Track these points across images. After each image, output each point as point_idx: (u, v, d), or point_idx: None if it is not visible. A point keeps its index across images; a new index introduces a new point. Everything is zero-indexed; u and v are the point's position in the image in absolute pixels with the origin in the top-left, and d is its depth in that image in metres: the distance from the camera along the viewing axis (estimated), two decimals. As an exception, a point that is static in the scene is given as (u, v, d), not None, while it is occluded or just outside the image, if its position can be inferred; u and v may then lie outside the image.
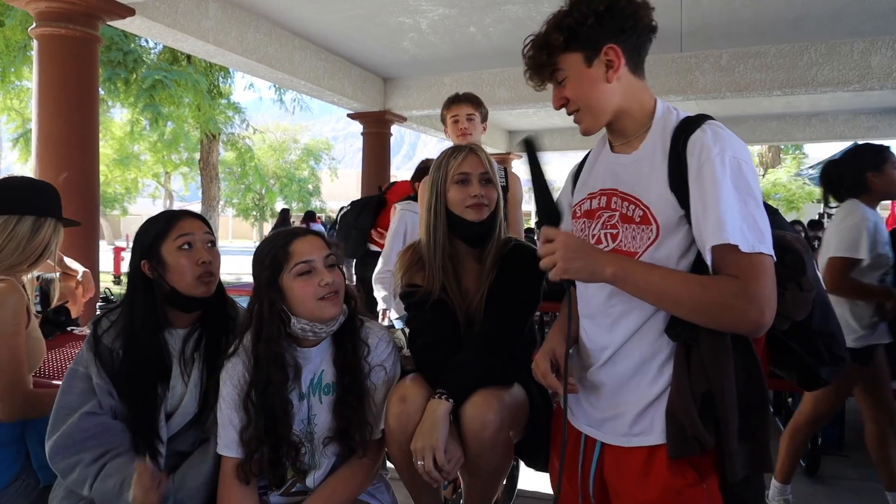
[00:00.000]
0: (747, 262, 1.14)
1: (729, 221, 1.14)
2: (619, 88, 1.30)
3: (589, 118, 1.32)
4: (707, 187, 1.18)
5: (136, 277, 1.62)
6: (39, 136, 4.19)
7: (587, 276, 1.23)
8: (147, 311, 1.60)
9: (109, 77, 9.16)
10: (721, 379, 1.19)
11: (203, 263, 1.61)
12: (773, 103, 9.37)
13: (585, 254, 1.23)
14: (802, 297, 1.25)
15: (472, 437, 1.59)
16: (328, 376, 1.60)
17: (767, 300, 1.14)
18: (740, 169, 1.18)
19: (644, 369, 1.30)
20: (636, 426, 1.30)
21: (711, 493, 1.23)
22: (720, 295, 1.16)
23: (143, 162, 18.36)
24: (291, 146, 23.57)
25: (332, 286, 1.52)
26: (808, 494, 3.02)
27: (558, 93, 1.34)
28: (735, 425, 1.20)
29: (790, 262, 1.25)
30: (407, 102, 8.04)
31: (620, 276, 1.21)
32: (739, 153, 1.20)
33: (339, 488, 1.57)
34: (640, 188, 1.29)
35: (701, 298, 1.17)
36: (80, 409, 1.53)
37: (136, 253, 1.63)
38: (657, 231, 1.26)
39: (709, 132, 1.22)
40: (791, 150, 19.31)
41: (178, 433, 1.62)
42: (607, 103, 1.30)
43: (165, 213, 1.68)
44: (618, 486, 1.34)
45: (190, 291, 1.60)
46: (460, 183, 1.77)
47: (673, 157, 1.25)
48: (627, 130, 1.34)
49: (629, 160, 1.34)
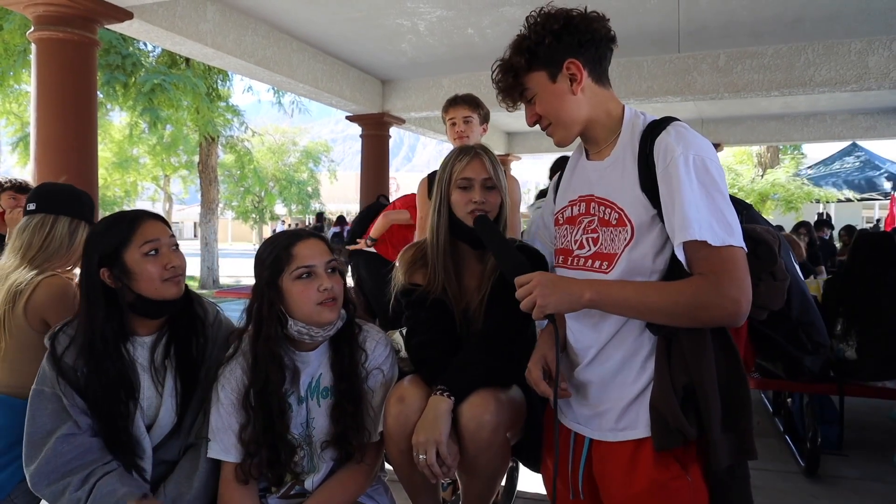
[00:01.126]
0: (717, 255, 1.20)
1: (696, 218, 1.20)
2: (584, 100, 1.38)
3: (561, 130, 1.40)
4: (674, 186, 1.24)
5: (95, 287, 1.52)
6: (38, 139, 4.19)
7: (567, 306, 1.29)
8: (108, 324, 1.52)
9: (108, 81, 9.14)
10: (701, 371, 1.24)
11: (171, 268, 1.55)
12: (770, 104, 9.38)
13: (561, 287, 1.29)
14: (776, 286, 1.31)
15: (469, 438, 1.59)
16: (326, 380, 1.60)
17: (741, 290, 1.20)
18: (705, 166, 1.24)
19: (628, 365, 1.35)
20: (622, 421, 1.35)
21: (695, 484, 1.27)
22: (695, 296, 1.22)
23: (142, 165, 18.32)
24: (290, 149, 23.53)
25: (331, 292, 1.52)
26: (808, 494, 3.02)
27: (530, 110, 1.43)
28: (717, 415, 1.24)
29: (762, 253, 1.30)
30: (405, 104, 8.04)
31: (597, 299, 1.28)
32: (703, 151, 1.26)
33: (336, 491, 1.57)
34: (614, 192, 1.37)
35: (677, 303, 1.23)
36: (56, 432, 1.48)
37: (93, 261, 1.53)
38: (632, 231, 1.32)
39: (672, 133, 1.29)
40: (790, 150, 19.31)
41: (162, 443, 1.60)
42: (576, 114, 1.39)
43: (124, 217, 1.58)
44: (605, 481, 1.38)
45: (160, 295, 1.54)
46: (463, 188, 1.77)
47: (641, 159, 1.32)
48: (599, 138, 1.42)
49: (602, 166, 1.41)
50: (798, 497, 2.98)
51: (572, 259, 1.43)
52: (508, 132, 12.34)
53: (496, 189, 1.78)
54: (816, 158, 16.86)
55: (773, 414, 4.20)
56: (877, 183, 12.34)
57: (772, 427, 4.02)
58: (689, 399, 1.26)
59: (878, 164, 12.77)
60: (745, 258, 1.22)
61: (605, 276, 1.34)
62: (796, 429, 3.64)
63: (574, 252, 1.42)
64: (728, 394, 1.26)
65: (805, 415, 3.37)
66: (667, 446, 1.26)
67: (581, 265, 1.40)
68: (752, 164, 18.28)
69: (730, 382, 1.26)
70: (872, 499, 2.97)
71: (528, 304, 1.29)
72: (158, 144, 14.75)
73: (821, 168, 14.12)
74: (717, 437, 1.23)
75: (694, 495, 1.27)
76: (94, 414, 1.51)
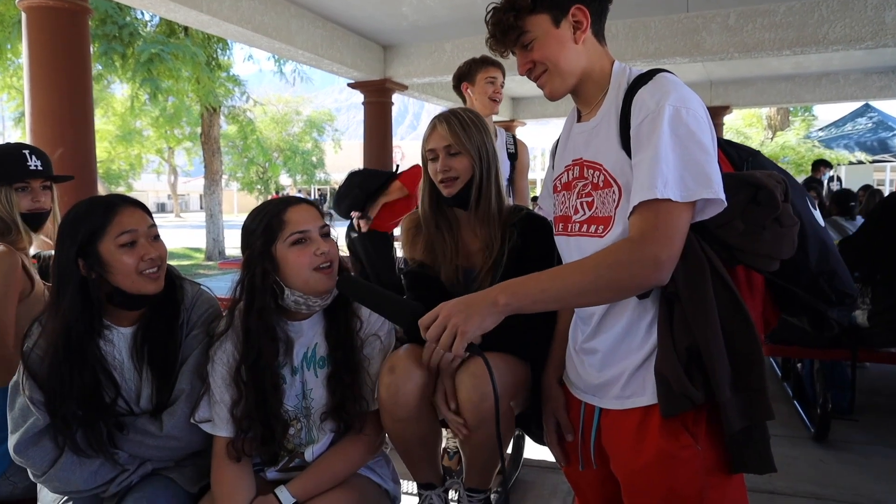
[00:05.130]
0: (651, 213, 1.14)
1: (662, 174, 1.12)
2: (584, 51, 1.31)
3: (557, 80, 1.32)
4: (642, 142, 1.17)
5: (69, 276, 1.44)
6: (32, 111, 4.13)
7: (489, 320, 1.18)
8: (82, 317, 1.44)
9: (105, 51, 9.01)
10: (705, 330, 1.18)
11: (149, 259, 1.47)
12: (782, 64, 9.15)
13: (470, 304, 1.19)
14: (784, 233, 1.20)
15: (470, 409, 1.55)
16: (322, 349, 1.56)
17: (663, 246, 1.14)
18: (679, 116, 1.16)
19: (632, 331, 1.30)
20: (628, 388, 1.30)
21: (706, 452, 1.22)
22: (614, 263, 1.16)
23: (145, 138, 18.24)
24: (294, 118, 23.33)
25: (328, 256, 1.47)
26: (817, 459, 3.00)
27: (524, 57, 1.34)
28: (725, 375, 1.18)
29: (763, 199, 1.20)
30: (408, 70, 7.90)
31: (512, 300, 1.18)
32: (680, 101, 1.17)
33: (336, 462, 1.54)
34: (600, 153, 1.31)
35: (598, 277, 1.17)
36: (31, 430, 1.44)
37: (68, 250, 1.44)
38: (619, 192, 1.26)
39: (650, 86, 1.22)
40: (800, 112, 18.96)
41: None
42: (574, 65, 1.31)
43: (99, 204, 1.48)
44: (614, 450, 1.35)
45: (137, 289, 1.46)
46: (432, 160, 1.78)
47: (623, 116, 1.25)
48: (590, 96, 1.36)
49: (590, 127, 1.35)
50: (807, 462, 2.96)
51: (571, 225, 1.38)
52: (513, 97, 12.14)
53: (462, 154, 1.73)
54: (828, 120, 16.55)
55: (783, 379, 4.16)
56: (889, 144, 12.10)
57: (781, 392, 3.99)
58: (695, 361, 1.20)
59: (891, 125, 12.51)
60: (685, 212, 1.14)
61: (601, 239, 1.28)
62: (806, 394, 3.60)
63: (572, 218, 1.37)
64: (736, 353, 1.20)
65: (816, 380, 3.33)
66: (674, 412, 1.21)
67: (577, 231, 1.35)
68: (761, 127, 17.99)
69: (737, 341, 1.20)
70: (882, 463, 2.94)
71: (447, 339, 1.16)
72: (161, 116, 14.64)
73: (832, 130, 13.85)
74: (727, 399, 1.18)
75: (704, 463, 1.22)
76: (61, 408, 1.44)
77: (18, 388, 1.48)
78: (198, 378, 1.53)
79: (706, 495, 1.22)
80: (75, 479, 1.46)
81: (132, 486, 1.50)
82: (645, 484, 1.27)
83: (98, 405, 1.47)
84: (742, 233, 1.19)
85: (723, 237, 1.21)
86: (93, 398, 1.46)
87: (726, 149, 1.35)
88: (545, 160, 28.55)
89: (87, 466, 1.46)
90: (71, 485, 1.46)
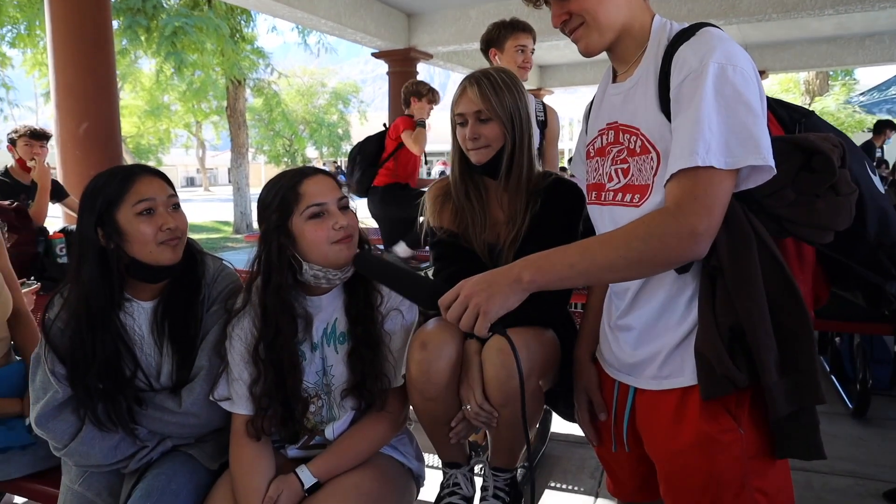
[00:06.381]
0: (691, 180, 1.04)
1: (705, 140, 1.02)
2: (625, 3, 1.20)
3: (594, 33, 1.21)
4: (682, 105, 1.07)
5: (89, 246, 1.42)
6: (57, 86, 4.13)
7: (512, 299, 1.10)
8: (102, 287, 1.42)
9: (130, 25, 9.03)
10: (750, 308, 1.09)
11: (168, 230, 1.43)
12: (822, 25, 8.76)
13: (493, 282, 1.10)
14: (839, 202, 1.09)
15: (497, 386, 1.50)
16: (342, 325, 1.52)
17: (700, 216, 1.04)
18: (724, 75, 1.04)
19: (671, 308, 1.21)
20: (665, 368, 1.22)
21: (749, 437, 1.15)
22: (647, 235, 1.06)
23: (173, 112, 18.38)
24: (319, 90, 23.23)
25: (347, 229, 1.41)
26: (856, 437, 2.90)
27: (559, 8, 1.22)
28: (772, 356, 1.09)
29: (818, 165, 1.08)
30: (432, 38, 7.76)
31: (538, 276, 1.10)
32: (726, 57, 1.06)
33: (357, 442, 1.51)
34: (637, 116, 1.20)
35: (629, 248, 1.07)
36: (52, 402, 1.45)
37: (88, 218, 1.42)
38: (657, 159, 1.16)
39: (693, 42, 1.10)
40: (840, 76, 18.23)
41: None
42: (614, 17, 1.20)
43: (118, 172, 1.46)
44: (650, 433, 1.28)
45: (154, 259, 1.44)
46: (460, 125, 1.68)
47: (662, 76, 1.14)
48: (628, 53, 1.24)
49: (626, 87, 1.24)
50: (846, 440, 2.87)
51: (604, 194, 1.29)
52: (541, 65, 11.88)
53: (493, 121, 1.64)
54: (869, 84, 15.88)
55: (819, 353, 4.04)
56: (936, 109, 11.61)
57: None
58: (739, 341, 1.11)
59: (938, 88, 11.99)
60: (727, 180, 1.04)
61: (637, 209, 1.19)
62: (844, 369, 3.48)
63: (606, 186, 1.28)
64: (784, 332, 1.11)
65: (855, 354, 3.21)
66: (714, 395, 1.13)
67: (611, 199, 1.26)
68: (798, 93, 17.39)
69: (785, 319, 1.10)
70: (926, 441, 2.83)
71: (469, 319, 1.09)
72: (188, 90, 14.70)
73: (874, 94, 13.29)
74: (773, 382, 1.09)
75: (747, 448, 1.15)
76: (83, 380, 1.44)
77: (40, 360, 1.48)
78: (216, 355, 1.51)
79: (748, 481, 1.15)
80: (95, 453, 1.46)
81: (152, 462, 1.50)
82: (683, 468, 1.20)
83: (118, 378, 1.46)
84: (793, 202, 1.09)
85: (771, 207, 1.11)
86: (113, 371, 1.45)
87: (777, 110, 1.23)
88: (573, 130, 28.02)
89: (108, 441, 1.46)
90: (91, 459, 1.46)
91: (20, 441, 1.73)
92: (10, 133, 3.89)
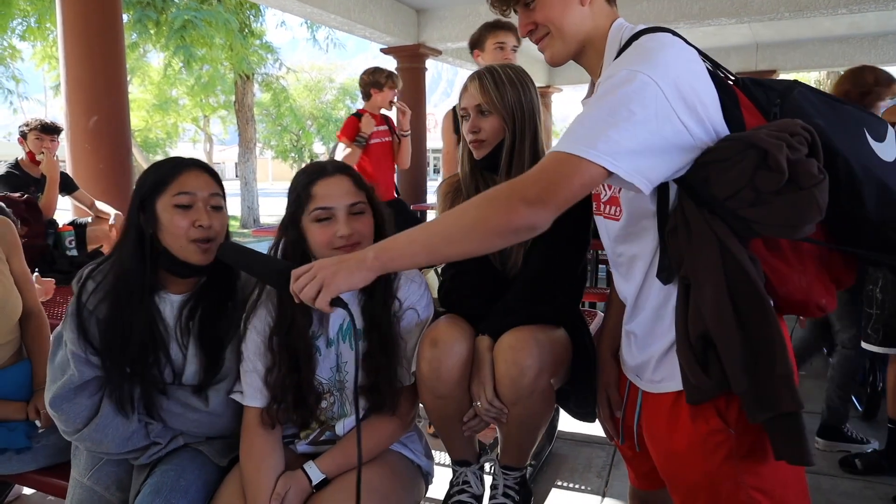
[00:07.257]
0: (553, 158, 1.06)
1: (571, 131, 1.04)
2: (589, 14, 1.21)
3: (558, 44, 1.22)
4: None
5: (131, 226, 1.45)
6: (67, 79, 4.13)
7: (358, 276, 1.12)
8: (137, 269, 1.43)
9: (139, 19, 9.06)
10: (714, 315, 1.08)
11: (200, 227, 1.42)
12: (835, 24, 8.68)
13: (343, 259, 1.15)
14: (801, 196, 1.01)
15: (508, 384, 1.49)
16: (359, 323, 1.51)
17: (541, 190, 1.04)
18: (627, 80, 1.03)
19: (661, 314, 1.23)
20: (658, 372, 1.25)
21: (740, 438, 1.14)
22: (482, 198, 1.10)
23: (181, 106, 18.41)
24: (327, 86, 23.29)
25: (350, 239, 1.40)
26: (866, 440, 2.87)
27: (525, 18, 1.24)
28: (738, 364, 1.07)
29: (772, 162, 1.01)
30: (442, 34, 7.73)
31: (382, 254, 1.13)
32: (648, 68, 1.03)
33: (365, 438, 1.49)
34: None
35: (464, 217, 1.11)
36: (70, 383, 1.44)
37: (135, 199, 1.45)
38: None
39: (629, 51, 1.11)
40: (852, 75, 18.09)
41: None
42: (579, 28, 1.21)
43: (170, 161, 1.48)
44: (651, 433, 1.31)
45: (184, 256, 1.43)
46: (464, 118, 1.69)
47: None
48: (593, 63, 1.25)
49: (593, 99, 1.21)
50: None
51: (600, 205, 1.31)
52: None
53: (492, 115, 1.63)
54: (881, 84, 15.73)
55: (828, 354, 4.01)
56: (949, 109, 11.50)
57: (825, 368, 3.84)
58: (712, 349, 1.10)
59: (951, 89, 11.87)
60: (579, 167, 1.02)
61: (617, 222, 1.21)
62: (854, 371, 3.45)
63: (600, 198, 1.31)
64: (752, 338, 1.07)
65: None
66: (697, 401, 1.14)
67: (604, 211, 1.29)
68: (809, 92, 17.23)
69: (752, 325, 1.07)
70: (937, 445, 2.80)
71: (311, 290, 1.12)
72: (196, 85, 14.73)
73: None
74: (742, 390, 1.07)
75: (739, 448, 1.14)
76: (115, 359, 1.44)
77: (60, 340, 1.48)
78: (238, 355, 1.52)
79: (742, 480, 1.14)
80: (107, 441, 1.46)
81: (162, 458, 1.50)
82: (679, 468, 1.23)
83: (147, 363, 1.46)
84: (754, 202, 1.03)
85: (735, 209, 1.05)
86: (144, 354, 1.45)
87: (752, 91, 1.16)
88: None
89: (121, 431, 1.46)
90: (102, 446, 1.47)
91: (17, 444, 1.75)
92: (21, 126, 3.90)
